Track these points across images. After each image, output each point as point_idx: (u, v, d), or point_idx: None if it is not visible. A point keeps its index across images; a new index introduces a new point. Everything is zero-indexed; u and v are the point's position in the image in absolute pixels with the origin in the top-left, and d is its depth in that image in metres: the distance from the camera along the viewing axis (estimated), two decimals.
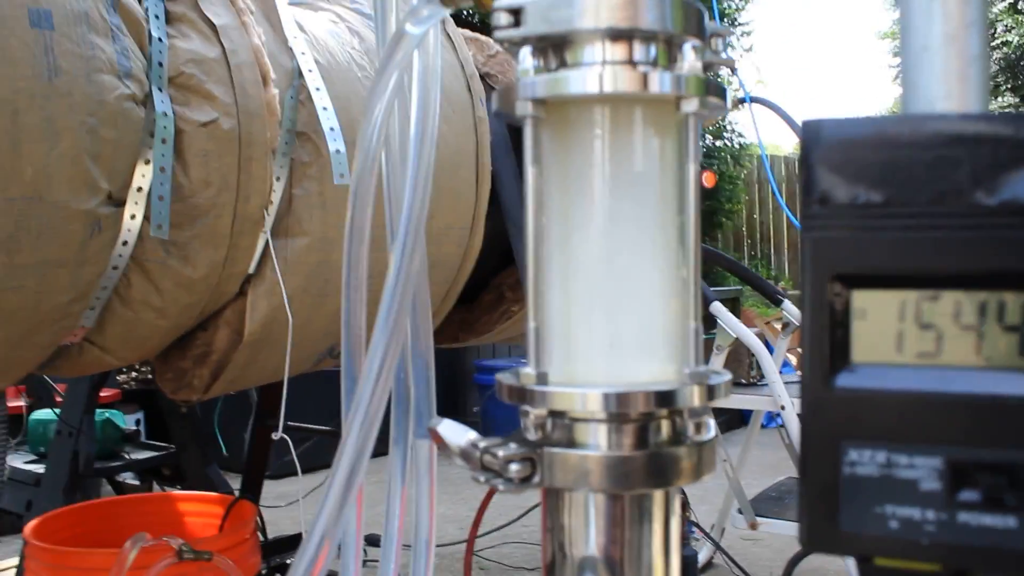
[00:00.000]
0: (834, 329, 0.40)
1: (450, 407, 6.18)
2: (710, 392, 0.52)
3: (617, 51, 0.51)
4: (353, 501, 0.60)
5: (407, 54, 0.66)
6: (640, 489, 0.52)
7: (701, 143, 0.55)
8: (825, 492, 0.41)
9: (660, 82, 0.50)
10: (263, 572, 2.55)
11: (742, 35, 10.09)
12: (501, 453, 0.51)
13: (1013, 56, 7.06)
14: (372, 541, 3.40)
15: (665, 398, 0.50)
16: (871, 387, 0.40)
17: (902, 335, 0.40)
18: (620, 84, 0.50)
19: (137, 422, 5.03)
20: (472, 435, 0.54)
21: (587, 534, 0.53)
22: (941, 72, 0.42)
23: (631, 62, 0.51)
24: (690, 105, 0.50)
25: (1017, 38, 6.90)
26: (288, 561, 2.90)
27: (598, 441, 0.52)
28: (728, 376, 0.53)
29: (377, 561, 0.82)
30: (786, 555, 3.64)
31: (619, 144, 0.52)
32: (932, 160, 0.38)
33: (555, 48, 0.52)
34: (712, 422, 0.54)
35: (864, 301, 0.40)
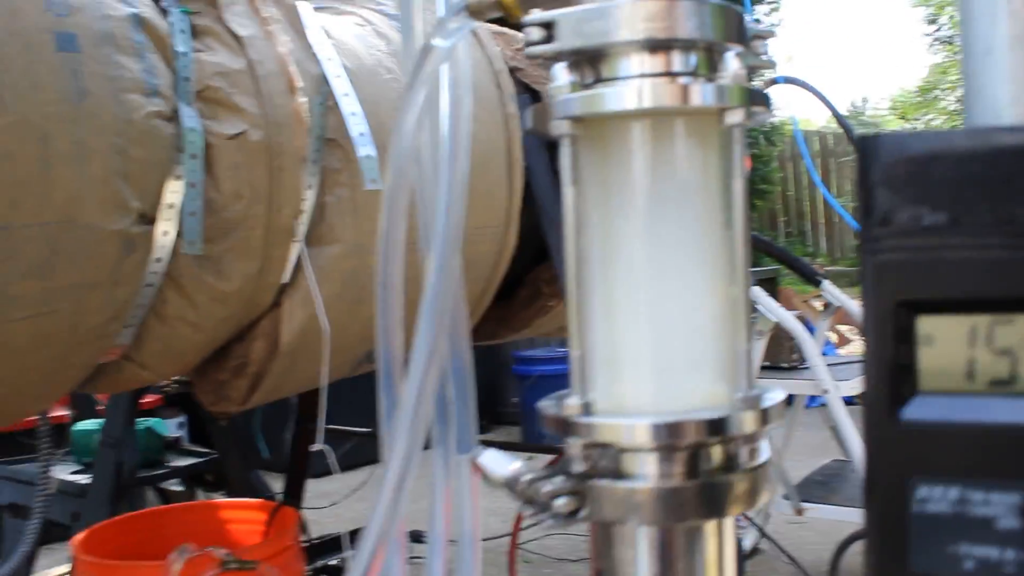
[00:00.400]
0: (899, 357, 0.38)
1: (490, 398, 6.17)
2: (763, 416, 0.49)
3: (655, 63, 0.49)
4: (403, 509, 0.59)
5: (436, 68, 0.64)
6: (693, 521, 0.50)
7: None
8: (893, 531, 0.38)
9: (703, 94, 0.48)
10: (308, 574, 2.56)
11: (771, 11, 9.97)
12: (547, 488, 0.49)
13: None
14: (416, 538, 3.41)
15: (717, 425, 0.48)
16: (941, 419, 0.37)
17: (973, 362, 0.37)
18: (660, 98, 0.47)
19: (180, 425, 5.07)
20: (516, 466, 0.53)
21: (638, 569, 0.51)
22: (1007, 76, 0.39)
23: (670, 74, 0.49)
24: (734, 116, 0.48)
25: None
26: (332, 562, 2.91)
27: (647, 472, 0.50)
28: (782, 396, 0.51)
29: (422, 557, 0.82)
30: (832, 538, 3.60)
31: (661, 160, 0.50)
32: (1001, 176, 0.35)
33: (590, 62, 0.50)
34: (766, 444, 0.52)
35: (931, 327, 0.38)
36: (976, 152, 0.35)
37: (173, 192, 1.34)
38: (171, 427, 4.80)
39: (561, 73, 0.49)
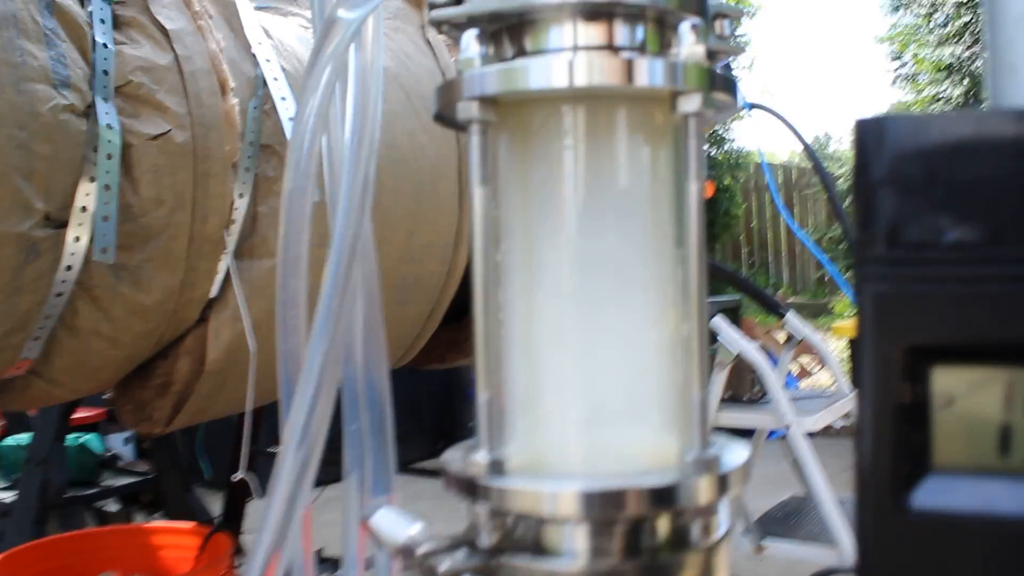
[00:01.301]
0: (907, 423, 0.27)
1: (445, 420, 6.04)
2: (721, 483, 0.39)
3: (593, 33, 0.38)
4: (298, 519, 0.52)
5: (342, 45, 0.54)
6: None
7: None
8: None
9: (650, 72, 0.37)
10: None
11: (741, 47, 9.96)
12: (444, 566, 0.38)
13: None
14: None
15: (663, 495, 0.38)
16: (963, 508, 0.27)
17: (1010, 430, 0.27)
18: (597, 75, 0.37)
19: (125, 441, 4.90)
20: (414, 530, 0.42)
21: None
22: None
23: (611, 47, 0.38)
24: (690, 103, 0.38)
25: None
26: None
27: (575, 547, 0.39)
28: (745, 457, 0.40)
29: None
30: (793, 573, 3.51)
31: (597, 156, 0.39)
32: None
33: (511, 32, 0.39)
34: (724, 517, 0.42)
35: (950, 382, 0.27)
36: (1018, 140, 0.25)
37: (86, 194, 1.22)
38: (116, 442, 4.63)
39: (471, 43, 0.38)
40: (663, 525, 0.40)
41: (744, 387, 3.14)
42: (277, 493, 0.50)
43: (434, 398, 5.93)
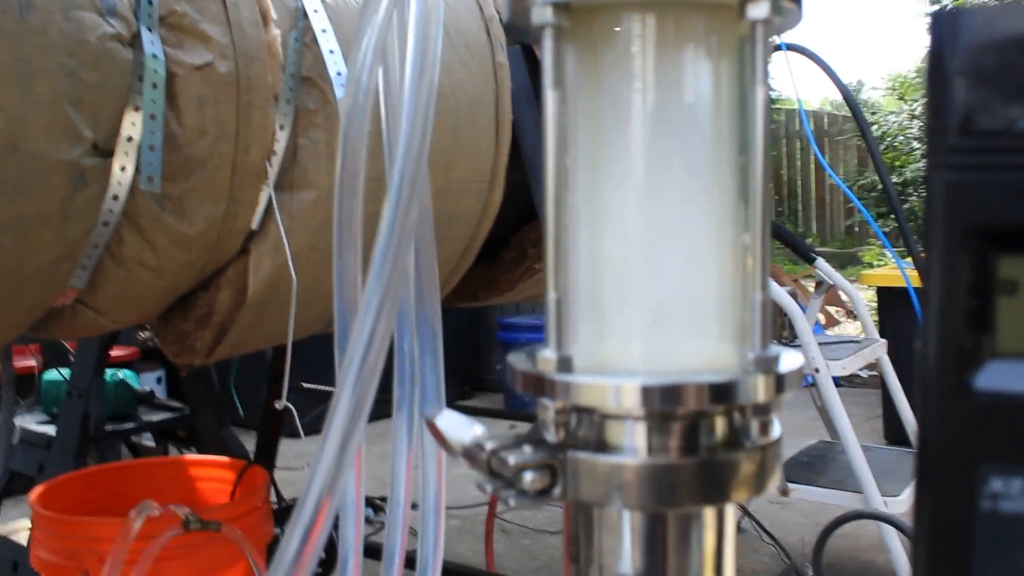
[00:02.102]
0: (972, 308, 0.29)
1: (473, 365, 6.10)
2: (779, 383, 0.40)
3: None
4: (350, 462, 0.52)
5: None
6: (688, 507, 0.41)
7: None
8: (954, 532, 0.29)
9: None
10: (278, 536, 2.48)
11: None
12: (513, 459, 0.40)
13: None
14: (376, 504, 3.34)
15: (722, 391, 0.39)
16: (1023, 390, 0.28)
17: None
18: None
19: (159, 380, 4.99)
20: (478, 431, 0.44)
21: (620, 559, 0.42)
22: None
23: None
24: (759, 9, 0.38)
25: None
26: None
27: (635, 444, 0.41)
28: (801, 362, 0.42)
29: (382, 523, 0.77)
30: (817, 519, 3.55)
31: (665, 63, 0.40)
32: None
33: None
34: (777, 419, 0.43)
35: (1016, 270, 0.29)
36: None
37: (132, 124, 1.24)
38: (149, 381, 4.72)
39: None
40: (721, 424, 0.41)
41: (774, 331, 3.15)
42: (332, 430, 0.49)
43: (462, 341, 5.98)
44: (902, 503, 2.71)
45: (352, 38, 1.53)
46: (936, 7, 8.26)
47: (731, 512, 0.43)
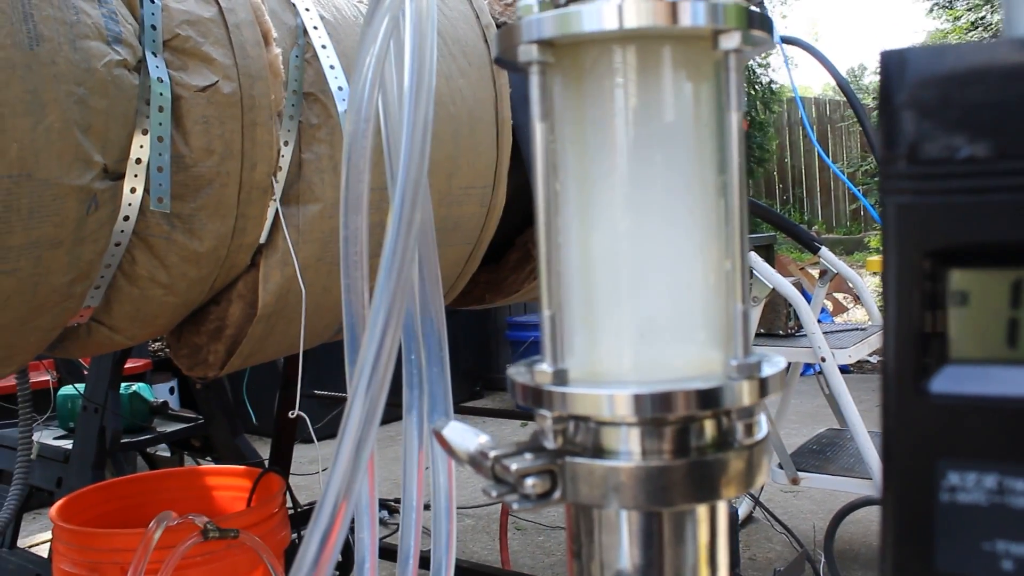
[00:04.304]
0: (927, 319, 0.31)
1: (483, 364, 6.13)
2: (762, 386, 0.43)
3: None
4: (364, 467, 0.54)
5: None
6: (681, 505, 0.44)
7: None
8: (917, 523, 0.32)
9: (693, 13, 0.41)
10: (295, 541, 2.52)
11: None
12: (515, 466, 0.43)
13: None
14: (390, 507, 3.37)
15: (709, 397, 0.42)
16: (976, 392, 0.31)
17: (1016, 325, 0.31)
18: (644, 18, 0.41)
19: (171, 390, 5.03)
20: (482, 439, 0.46)
21: (619, 556, 0.45)
22: None
23: None
24: (730, 41, 0.41)
25: None
26: None
27: (629, 448, 0.43)
28: (783, 365, 0.45)
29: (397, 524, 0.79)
30: (826, 507, 3.57)
31: (645, 92, 0.43)
32: None
33: None
34: (764, 418, 0.46)
35: (965, 282, 0.31)
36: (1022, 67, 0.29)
37: (140, 146, 1.27)
38: (161, 392, 4.76)
39: None
40: (709, 427, 0.44)
41: (779, 322, 3.17)
42: (346, 437, 0.51)
43: (471, 341, 6.02)
44: None
45: (352, 53, 1.56)
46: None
47: (723, 508, 0.46)
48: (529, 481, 0.43)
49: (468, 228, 1.88)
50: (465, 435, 0.47)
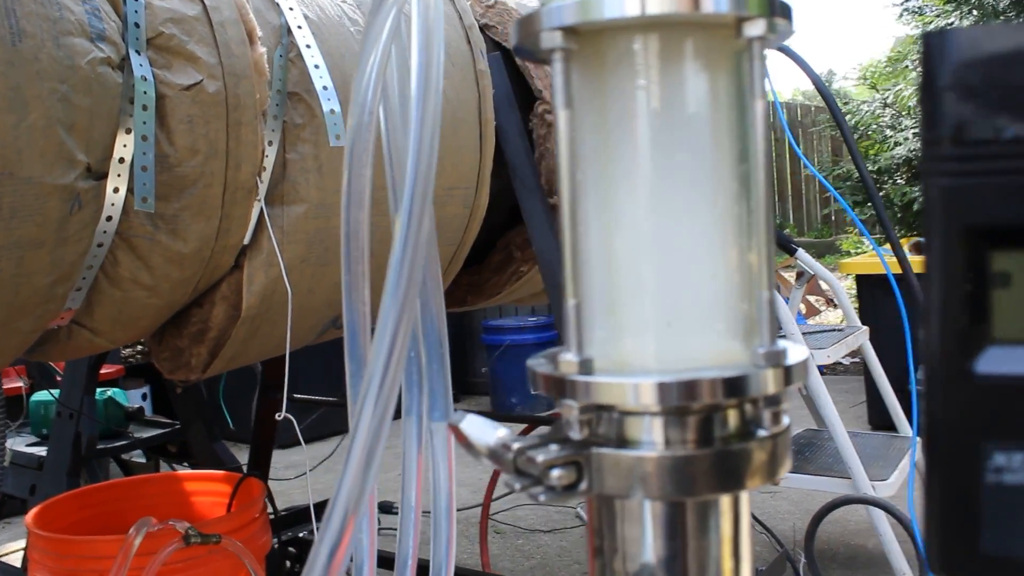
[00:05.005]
0: (970, 300, 0.31)
1: (459, 368, 6.11)
2: (787, 375, 0.43)
3: None
4: (373, 480, 0.52)
5: None
6: (706, 494, 0.43)
7: None
8: (961, 505, 0.32)
9: (716, 1, 0.41)
10: (275, 547, 2.50)
11: None
12: (541, 457, 0.42)
13: None
14: (385, 509, 3.36)
15: (735, 385, 0.42)
16: (1021, 372, 0.31)
17: None
18: (667, 4, 0.41)
19: (144, 396, 4.98)
20: (502, 432, 0.46)
21: (643, 548, 0.44)
22: None
23: None
24: (755, 28, 0.41)
25: None
26: (300, 534, 2.84)
27: (653, 438, 0.43)
28: (807, 353, 0.44)
29: (392, 529, 0.77)
30: (804, 507, 3.59)
31: (668, 80, 0.43)
32: None
33: None
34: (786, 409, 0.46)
35: (1007, 263, 0.31)
36: None
37: (123, 146, 1.25)
38: (134, 397, 4.71)
39: None
40: (733, 416, 0.44)
41: None
42: (355, 448, 0.49)
43: None
44: (890, 487, 2.75)
45: (336, 52, 1.55)
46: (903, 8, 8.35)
47: (746, 499, 0.46)
48: (555, 473, 0.42)
49: (451, 229, 1.87)
50: (484, 428, 0.47)
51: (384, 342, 0.51)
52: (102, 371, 3.72)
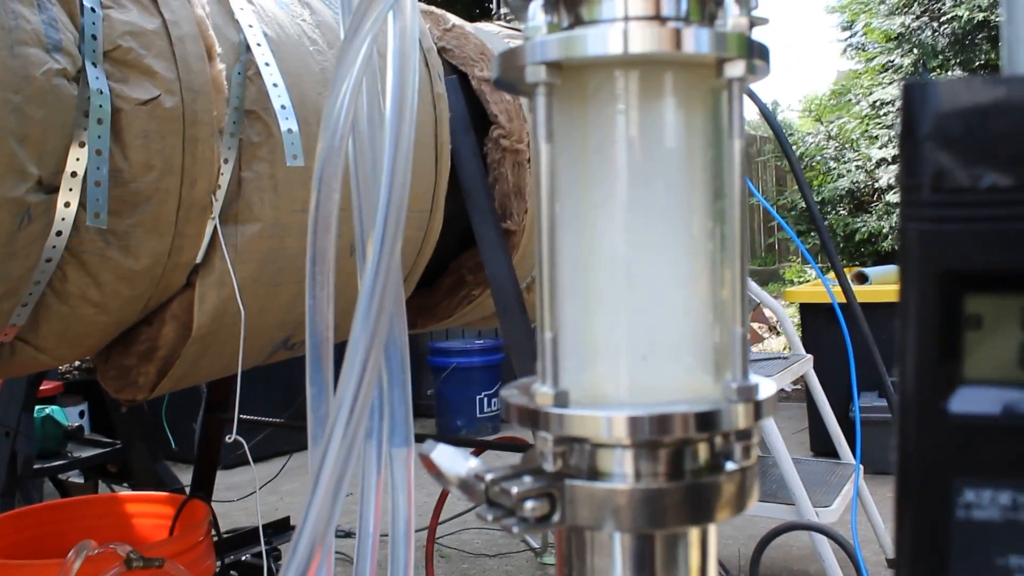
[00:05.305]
0: (943, 341, 0.32)
1: None
2: (757, 409, 0.44)
3: (642, 4, 0.42)
4: (338, 511, 0.52)
5: (381, 15, 0.57)
6: (675, 527, 0.44)
7: None
8: (932, 540, 0.33)
9: (696, 41, 0.42)
10: (218, 570, 2.45)
11: None
12: (515, 489, 0.42)
13: (961, 32, 7.08)
14: (342, 534, 3.31)
15: (706, 420, 0.42)
16: (991, 412, 0.32)
17: None
18: (649, 43, 0.41)
19: (81, 414, 4.87)
20: (473, 463, 0.46)
21: None
22: None
23: (659, 17, 0.43)
24: (736, 69, 0.42)
25: (966, 12, 6.91)
26: (244, 557, 2.80)
27: (625, 471, 0.43)
28: (776, 388, 0.45)
29: (344, 554, 0.76)
30: (748, 532, 3.63)
31: (648, 117, 0.43)
32: None
33: (568, 2, 0.43)
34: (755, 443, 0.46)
35: (979, 307, 0.32)
36: None
37: (76, 159, 1.23)
38: (72, 415, 4.60)
39: (538, 13, 0.43)
40: (703, 450, 0.44)
41: None
42: (322, 479, 0.49)
43: None
44: (833, 513, 2.79)
45: (295, 71, 1.54)
46: (847, 33, 8.55)
47: (714, 531, 0.46)
48: (529, 504, 0.42)
49: (404, 252, 1.87)
50: (455, 458, 0.47)
51: (354, 370, 0.51)
52: (41, 388, 3.64)
